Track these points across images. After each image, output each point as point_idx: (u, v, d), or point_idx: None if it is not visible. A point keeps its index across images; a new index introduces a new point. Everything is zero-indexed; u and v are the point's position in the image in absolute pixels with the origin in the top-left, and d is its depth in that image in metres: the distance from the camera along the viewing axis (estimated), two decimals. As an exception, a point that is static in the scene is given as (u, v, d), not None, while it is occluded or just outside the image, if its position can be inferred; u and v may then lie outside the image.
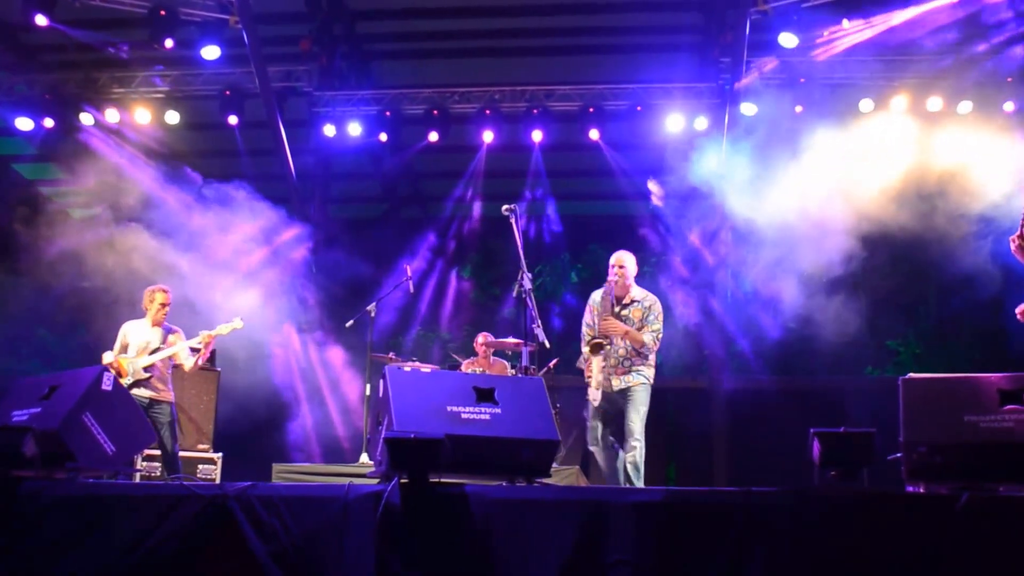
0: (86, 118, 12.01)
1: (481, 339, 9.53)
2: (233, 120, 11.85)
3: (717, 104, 11.56)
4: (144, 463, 8.30)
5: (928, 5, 9.96)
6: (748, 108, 11.18)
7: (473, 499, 3.97)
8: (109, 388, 4.79)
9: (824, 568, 3.77)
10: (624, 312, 6.72)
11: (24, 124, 11.99)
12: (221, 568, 4.03)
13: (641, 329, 6.63)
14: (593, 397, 6.65)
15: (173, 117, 12.08)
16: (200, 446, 8.96)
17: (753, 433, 11.25)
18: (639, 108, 11.75)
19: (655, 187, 11.94)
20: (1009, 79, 10.57)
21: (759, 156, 10.86)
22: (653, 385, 6.67)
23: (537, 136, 12.00)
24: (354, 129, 12.14)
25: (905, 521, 3.80)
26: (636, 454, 6.35)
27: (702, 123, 11.58)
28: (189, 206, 11.59)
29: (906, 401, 4.31)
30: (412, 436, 4.00)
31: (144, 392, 7.35)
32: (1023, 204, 5.03)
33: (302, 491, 4.18)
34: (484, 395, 4.41)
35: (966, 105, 10.85)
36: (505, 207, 6.76)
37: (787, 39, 10.44)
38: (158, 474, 8.32)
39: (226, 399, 9.62)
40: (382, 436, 4.21)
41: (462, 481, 4.13)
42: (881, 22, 10.25)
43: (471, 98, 12.13)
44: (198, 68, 11.78)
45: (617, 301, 6.77)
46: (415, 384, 4.52)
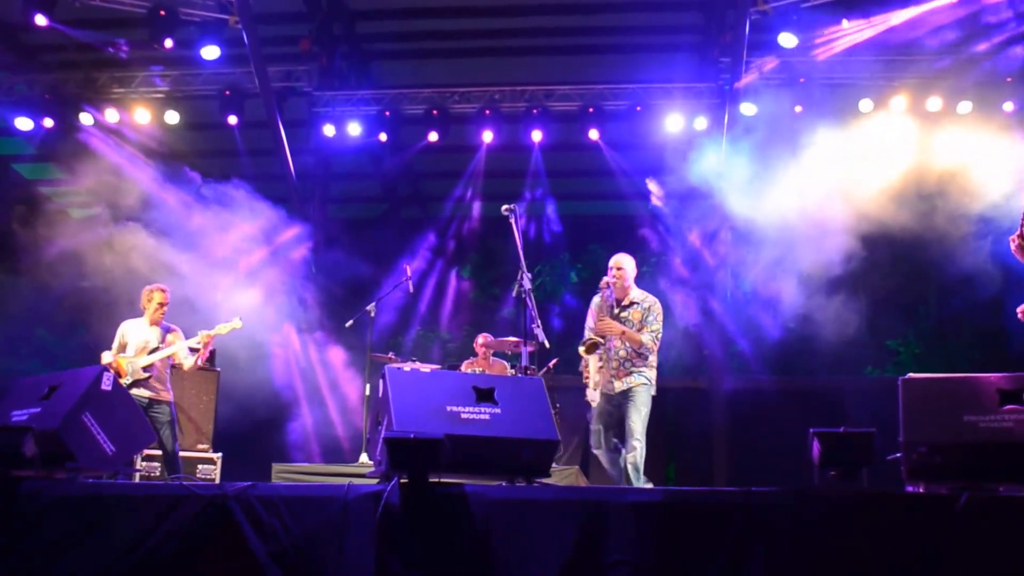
0: (86, 118, 12.00)
1: (481, 340, 9.54)
2: (233, 120, 11.86)
3: (717, 104, 11.56)
4: (144, 463, 8.30)
5: (928, 5, 9.96)
6: (748, 108, 11.18)
7: (473, 499, 3.97)
8: (109, 388, 4.79)
9: (824, 568, 3.77)
10: (624, 314, 6.71)
11: (24, 124, 11.99)
12: (221, 568, 4.03)
13: (640, 330, 6.63)
14: (591, 398, 6.65)
15: (173, 117, 12.09)
16: (200, 446, 8.95)
17: (753, 433, 11.24)
18: (639, 108, 11.76)
19: (654, 187, 11.94)
20: (1009, 79, 10.57)
21: (759, 156, 10.86)
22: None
23: (537, 136, 12.00)
24: (354, 129, 12.14)
25: (905, 521, 3.80)
26: (636, 455, 6.35)
27: (702, 123, 11.58)
28: (189, 206, 11.59)
29: (906, 401, 4.31)
30: (412, 436, 4.00)
31: (143, 392, 7.33)
32: (1023, 204, 5.03)
33: (302, 491, 4.18)
34: (484, 395, 4.41)
35: (966, 105, 10.86)
36: (505, 207, 6.76)
37: (787, 39, 10.45)
38: (157, 474, 8.32)
39: (226, 399, 9.61)
40: (382, 436, 4.21)
41: (462, 481, 4.13)
42: (881, 22, 10.25)
43: (471, 98, 12.13)
44: (198, 68, 11.77)
45: (617, 303, 6.78)
46: (415, 384, 4.52)
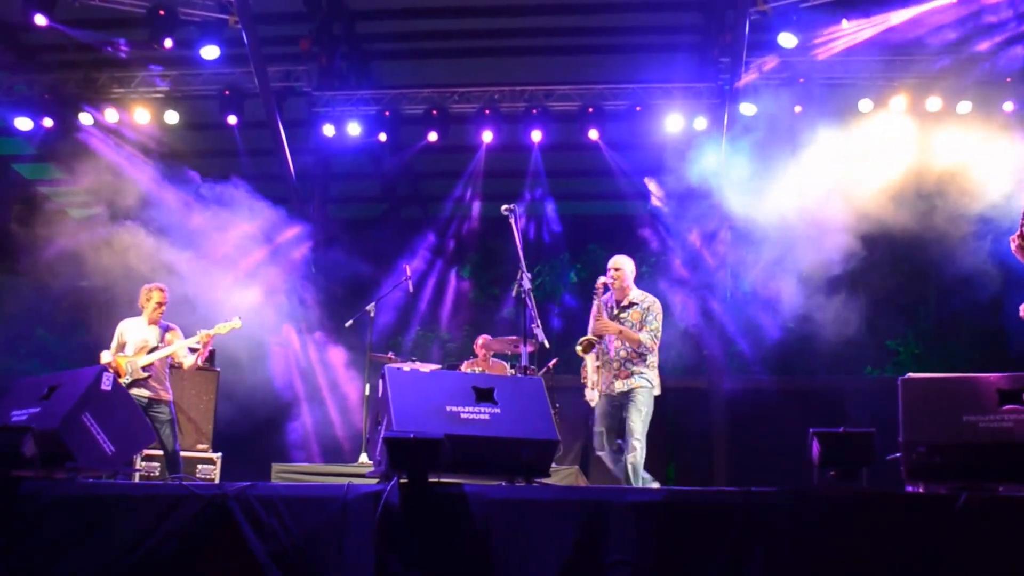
0: (85, 118, 11.99)
1: (481, 341, 9.53)
2: (232, 120, 11.85)
3: (716, 104, 11.55)
4: (143, 463, 8.30)
5: (928, 5, 9.95)
6: (747, 108, 11.18)
7: (472, 499, 3.97)
8: (108, 388, 4.79)
9: (824, 568, 3.77)
10: (623, 315, 6.72)
11: (23, 124, 11.98)
12: (220, 568, 4.03)
13: (640, 330, 6.63)
14: (590, 398, 6.66)
15: (172, 117, 12.08)
16: (199, 446, 8.95)
17: (753, 433, 11.24)
18: (638, 108, 11.75)
19: (653, 186, 11.93)
20: (1008, 79, 10.57)
21: (758, 156, 10.86)
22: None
23: (536, 136, 11.99)
24: (353, 129, 12.13)
25: (904, 521, 3.80)
26: (636, 455, 6.35)
27: (701, 123, 11.58)
28: (188, 206, 11.58)
29: (905, 401, 4.31)
30: (411, 436, 4.00)
31: (142, 392, 7.33)
32: (1023, 204, 5.03)
33: (301, 491, 4.18)
34: (483, 395, 4.41)
35: (965, 105, 10.85)
36: (504, 207, 6.76)
37: (786, 39, 10.44)
38: (157, 474, 8.32)
39: (225, 399, 9.61)
40: (381, 436, 4.21)
41: (461, 481, 4.13)
42: (881, 22, 10.24)
43: (470, 98, 12.12)
44: (197, 68, 11.76)
45: (616, 304, 6.79)
46: (414, 384, 4.52)
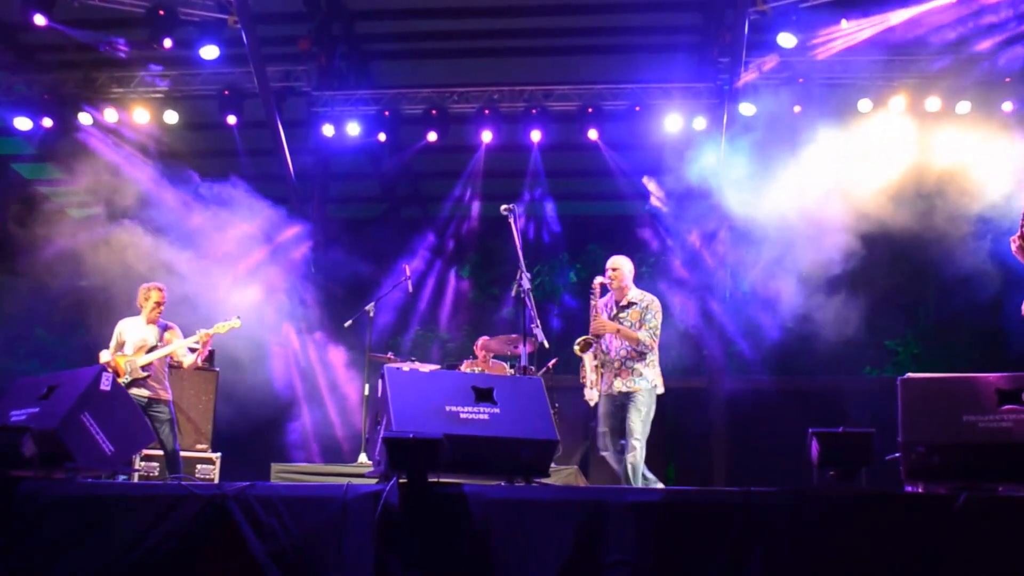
0: (85, 118, 11.98)
1: (480, 342, 9.52)
2: (232, 120, 11.84)
3: (716, 104, 11.54)
4: (142, 463, 8.30)
5: (927, 5, 9.95)
6: (747, 108, 11.17)
7: (472, 499, 3.97)
8: (108, 388, 4.79)
9: (823, 568, 3.77)
10: (622, 314, 6.73)
11: (23, 124, 11.97)
12: (220, 568, 4.03)
13: (639, 329, 6.63)
14: (589, 397, 6.67)
15: (172, 117, 12.07)
16: (199, 446, 8.94)
17: (752, 433, 11.24)
18: (638, 108, 11.74)
19: (652, 185, 11.92)
20: (1008, 79, 10.57)
21: (758, 156, 10.86)
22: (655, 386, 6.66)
23: (536, 136, 11.99)
24: (353, 129, 12.12)
25: (904, 521, 3.80)
26: (636, 455, 6.36)
27: (701, 123, 11.57)
28: (188, 205, 11.58)
29: (905, 401, 4.31)
30: (411, 436, 3.99)
31: (142, 391, 7.32)
32: (1022, 204, 5.03)
33: (301, 491, 4.17)
34: (483, 395, 4.40)
35: (965, 105, 10.85)
36: (504, 207, 6.76)
37: (786, 39, 10.44)
38: (156, 474, 8.32)
39: (225, 399, 9.60)
40: (381, 436, 4.21)
41: (461, 481, 4.13)
42: (880, 22, 10.25)
43: (470, 98, 12.12)
44: (197, 68, 11.75)
45: (616, 304, 6.80)
46: (414, 384, 4.52)
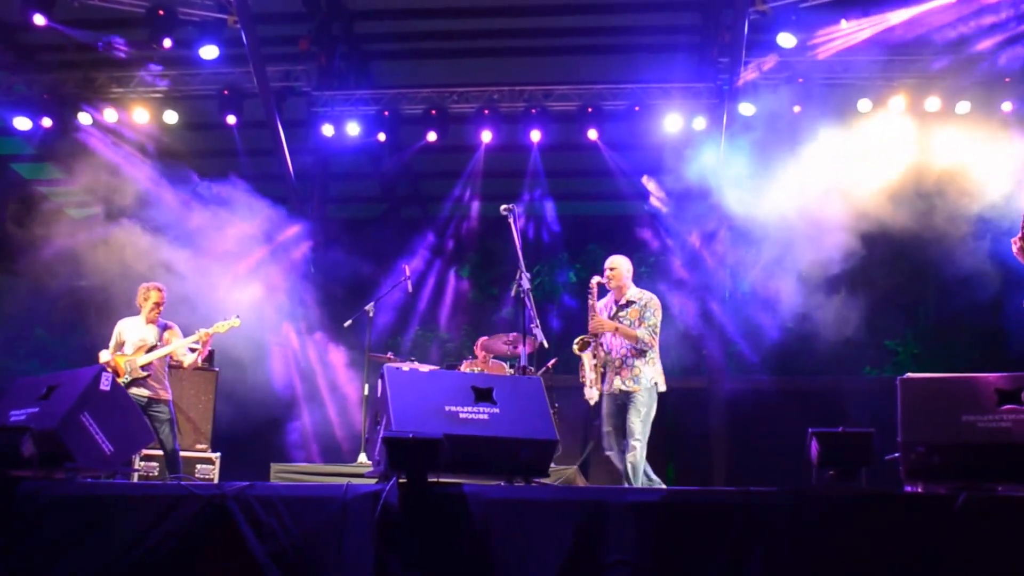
0: (84, 118, 11.97)
1: (480, 342, 9.52)
2: (232, 120, 11.83)
3: (715, 104, 11.53)
4: (142, 463, 8.30)
5: (927, 5, 9.95)
6: (746, 108, 11.16)
7: (471, 499, 3.97)
8: (107, 388, 4.79)
9: (823, 568, 3.78)
10: (622, 313, 6.75)
11: (22, 124, 11.96)
12: (220, 568, 4.03)
13: (638, 327, 6.64)
14: (589, 396, 6.67)
15: (171, 117, 12.06)
16: (198, 446, 8.94)
17: (752, 433, 11.23)
18: (637, 108, 11.73)
19: (652, 185, 11.92)
20: (1008, 79, 10.56)
21: (757, 156, 10.85)
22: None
23: (535, 136, 11.98)
24: (353, 129, 12.11)
25: (903, 521, 3.81)
26: (635, 455, 6.36)
27: (700, 123, 11.56)
28: (187, 205, 11.57)
29: (904, 401, 4.31)
30: (410, 436, 4.00)
31: (142, 391, 7.32)
32: (1022, 204, 5.04)
33: (300, 491, 4.18)
34: (482, 395, 4.41)
35: (964, 105, 10.84)
36: (503, 207, 6.77)
37: (785, 39, 10.44)
38: (156, 474, 8.32)
39: (224, 399, 9.59)
40: (380, 436, 4.21)
41: (460, 481, 4.13)
42: (879, 22, 10.25)
43: (469, 98, 12.11)
44: (197, 68, 11.74)
45: (615, 303, 6.82)
46: (413, 384, 4.53)
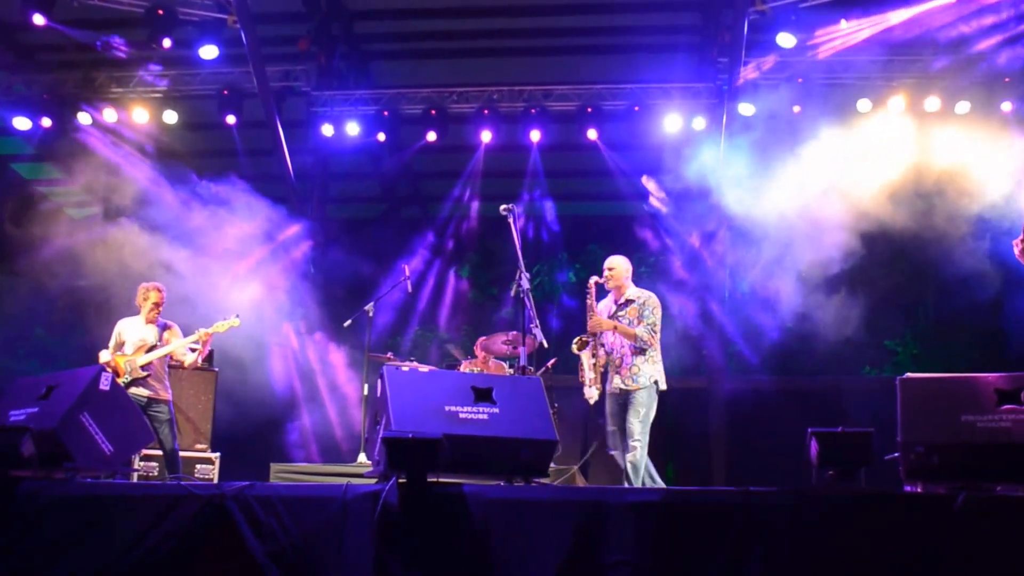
0: (84, 118, 11.96)
1: (480, 342, 9.51)
2: (231, 120, 11.82)
3: (715, 104, 11.53)
4: (142, 463, 8.29)
5: (927, 5, 9.95)
6: (746, 108, 11.16)
7: (471, 499, 3.97)
8: (107, 388, 4.79)
9: (823, 568, 3.78)
10: (621, 312, 6.77)
11: (22, 124, 11.95)
12: (219, 568, 4.03)
13: (637, 326, 6.65)
14: (589, 396, 6.69)
15: (171, 117, 12.06)
16: (198, 446, 8.94)
17: (752, 433, 11.23)
18: (637, 108, 11.72)
19: (651, 185, 11.92)
20: (1007, 79, 10.56)
21: (757, 156, 10.85)
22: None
23: (535, 136, 11.97)
24: (352, 129, 12.11)
25: (903, 521, 3.81)
26: (635, 455, 6.38)
27: (700, 123, 11.56)
28: (187, 205, 11.57)
29: (904, 401, 4.31)
30: (410, 436, 3.99)
31: (141, 391, 7.32)
32: (1022, 204, 5.04)
33: (300, 491, 4.17)
34: (482, 395, 4.41)
35: (964, 105, 10.84)
36: (503, 207, 6.78)
37: (785, 39, 10.43)
38: (155, 474, 8.32)
39: (224, 399, 9.59)
40: (380, 436, 4.21)
41: (460, 481, 4.13)
42: (879, 21, 10.25)
43: (469, 98, 12.11)
44: (196, 68, 11.74)
45: (614, 302, 6.83)
46: (413, 384, 4.53)
